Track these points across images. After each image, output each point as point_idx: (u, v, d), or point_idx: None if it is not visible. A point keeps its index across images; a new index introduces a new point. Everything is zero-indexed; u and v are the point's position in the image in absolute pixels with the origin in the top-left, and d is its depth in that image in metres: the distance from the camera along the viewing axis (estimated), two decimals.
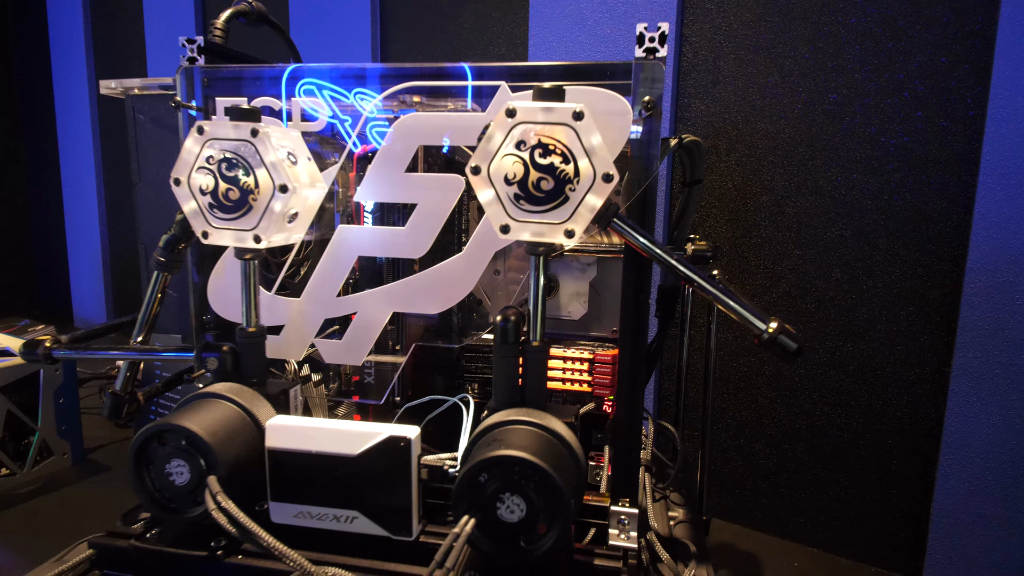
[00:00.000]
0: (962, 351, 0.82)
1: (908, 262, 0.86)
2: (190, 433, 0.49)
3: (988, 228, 0.78)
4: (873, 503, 0.92)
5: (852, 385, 0.92)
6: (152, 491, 0.51)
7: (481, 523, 0.46)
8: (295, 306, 0.63)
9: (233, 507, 0.45)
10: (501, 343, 0.54)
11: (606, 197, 0.49)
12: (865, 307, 0.90)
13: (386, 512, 0.52)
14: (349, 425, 0.52)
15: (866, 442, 0.92)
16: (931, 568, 0.87)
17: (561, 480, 0.44)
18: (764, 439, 1.00)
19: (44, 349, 0.60)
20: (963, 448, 0.83)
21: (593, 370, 0.70)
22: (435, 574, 0.43)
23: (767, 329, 0.50)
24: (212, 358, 0.58)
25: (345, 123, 0.61)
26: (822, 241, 0.92)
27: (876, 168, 0.87)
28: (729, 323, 1.01)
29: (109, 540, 0.52)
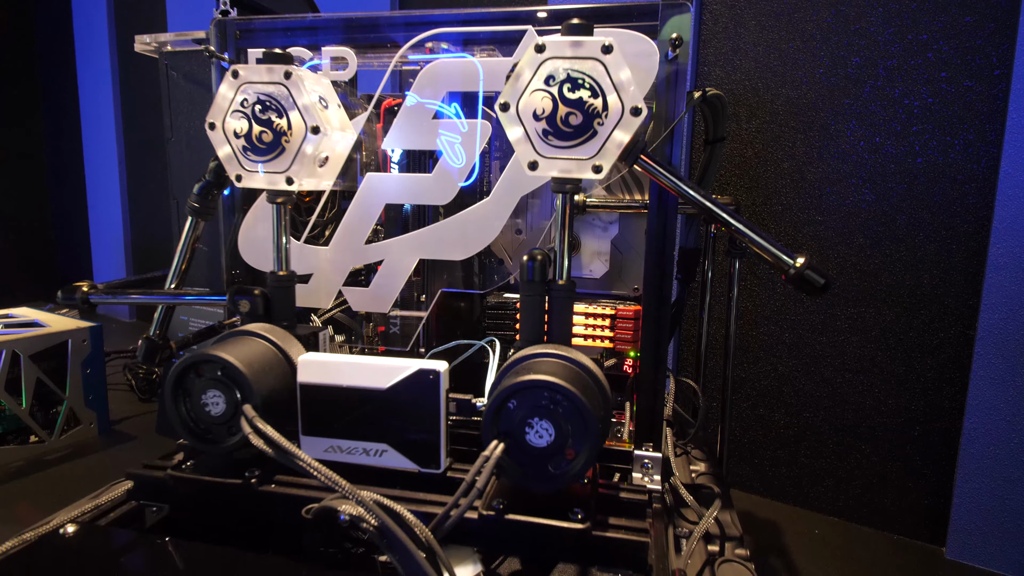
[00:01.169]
0: (987, 313, 0.81)
1: (932, 225, 0.86)
2: (226, 363, 0.50)
3: (1014, 188, 0.78)
4: (895, 470, 0.92)
5: (874, 351, 0.92)
6: (188, 422, 0.52)
7: (510, 449, 0.47)
8: (323, 255, 0.64)
9: (270, 429, 0.47)
10: (527, 282, 0.54)
11: (634, 132, 0.49)
12: (888, 272, 0.89)
13: (415, 445, 0.52)
14: (379, 360, 0.53)
15: (888, 409, 0.91)
16: (955, 535, 0.86)
17: (589, 404, 0.45)
18: (784, 408, 1.00)
19: (82, 294, 0.62)
20: (988, 411, 0.82)
21: (615, 326, 0.71)
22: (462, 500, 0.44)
23: (795, 264, 0.51)
24: (244, 301, 0.59)
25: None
26: (844, 206, 0.92)
27: (900, 131, 0.87)
28: (749, 292, 1.01)
29: (146, 472, 0.54)
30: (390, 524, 0.43)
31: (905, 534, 0.92)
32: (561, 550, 0.46)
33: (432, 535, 0.44)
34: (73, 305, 0.62)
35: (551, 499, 0.48)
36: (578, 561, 0.46)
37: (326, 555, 0.48)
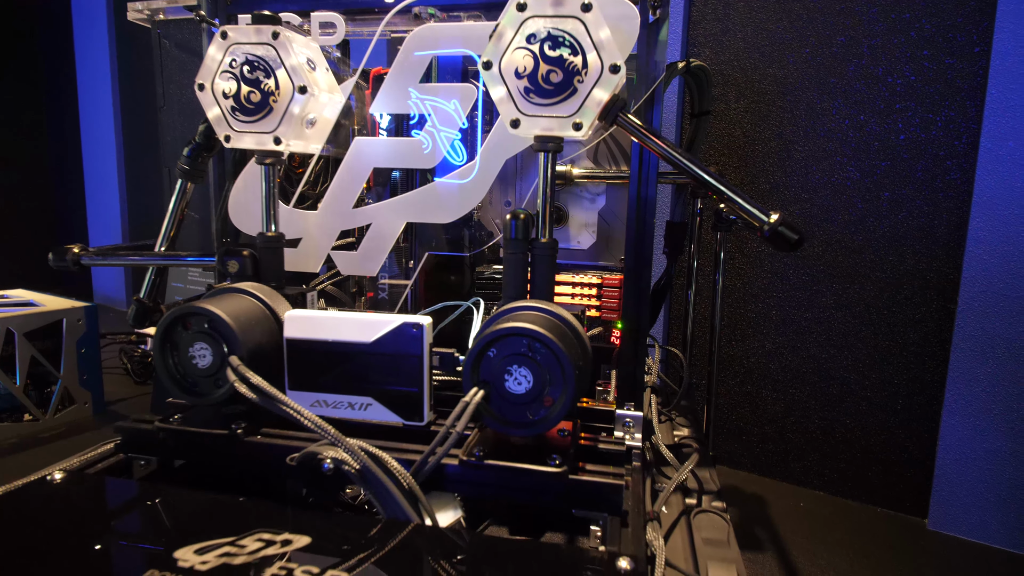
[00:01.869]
0: (967, 287, 0.82)
1: (914, 201, 0.87)
2: (213, 316, 0.51)
3: (994, 163, 0.79)
4: (879, 444, 0.93)
5: (859, 326, 0.93)
6: (175, 375, 0.53)
7: (489, 396, 0.48)
8: (312, 219, 0.65)
9: (257, 377, 0.48)
10: (510, 240, 0.55)
11: (613, 90, 0.50)
12: (872, 248, 0.91)
13: (399, 399, 0.53)
14: (364, 315, 0.54)
15: (872, 383, 0.93)
16: (936, 506, 0.87)
17: (567, 352, 0.46)
18: (771, 384, 1.01)
19: (73, 255, 0.63)
20: (969, 383, 0.83)
21: (601, 294, 0.72)
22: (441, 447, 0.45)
23: (769, 220, 0.52)
24: (233, 261, 0.60)
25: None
26: (830, 184, 0.93)
27: (883, 108, 0.88)
28: (737, 271, 1.02)
29: (134, 425, 0.55)
30: (372, 467, 0.44)
31: (888, 507, 0.93)
32: (538, 493, 0.47)
33: (413, 479, 0.45)
34: (64, 267, 0.63)
35: (531, 450, 0.49)
36: (555, 504, 0.47)
37: (309, 503, 0.49)
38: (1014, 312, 0.80)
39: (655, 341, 0.77)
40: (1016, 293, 0.79)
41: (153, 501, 0.47)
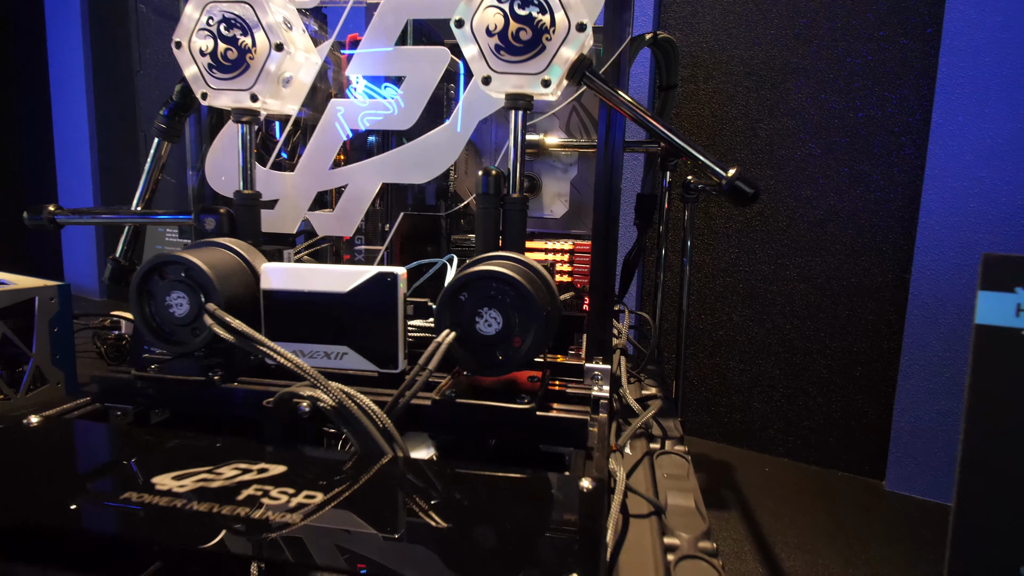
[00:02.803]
0: (920, 255, 0.86)
1: (871, 176, 0.91)
2: (190, 265, 0.52)
3: (944, 137, 0.83)
4: (839, 410, 0.97)
5: (820, 298, 0.97)
6: (152, 323, 0.54)
7: (461, 338, 0.50)
8: (289, 180, 0.66)
9: (235, 320, 0.49)
10: (482, 195, 0.57)
11: (579, 48, 0.52)
12: (832, 222, 0.95)
13: (374, 347, 0.55)
14: (340, 266, 0.56)
15: (832, 351, 0.96)
16: (893, 467, 0.91)
17: (534, 295, 0.48)
18: (738, 356, 1.04)
19: (48, 213, 0.63)
20: (922, 348, 0.87)
21: (574, 260, 0.74)
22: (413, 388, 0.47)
23: (727, 175, 0.54)
24: (210, 219, 0.61)
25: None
26: (792, 160, 0.97)
27: (843, 87, 0.92)
28: (705, 247, 1.05)
29: (111, 374, 0.56)
30: (348, 403, 0.46)
31: (848, 470, 0.97)
32: (507, 429, 0.49)
33: (387, 417, 0.47)
34: (40, 225, 0.63)
35: (501, 393, 0.51)
36: (523, 439, 0.49)
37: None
38: (964, 279, 0.84)
39: (625, 307, 0.80)
40: (966, 261, 0.84)
41: (130, 439, 0.48)
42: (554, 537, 0.34)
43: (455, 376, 0.55)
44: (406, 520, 0.36)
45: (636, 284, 1.10)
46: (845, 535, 0.79)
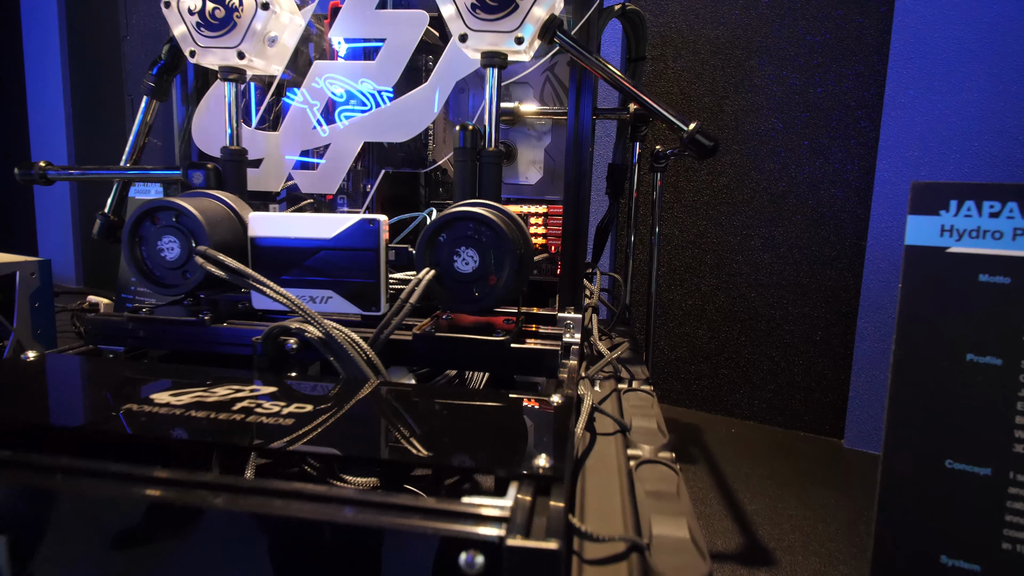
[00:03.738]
0: (875, 223, 0.92)
1: (830, 149, 0.96)
2: (182, 210, 0.55)
3: (896, 109, 0.89)
4: (801, 373, 1.02)
5: (783, 266, 1.02)
6: (144, 267, 0.57)
7: (440, 276, 0.53)
8: (273, 139, 0.69)
9: (227, 258, 0.52)
10: (459, 149, 0.61)
11: (551, 8, 0.56)
12: (794, 193, 1.00)
13: (357, 290, 0.58)
14: (324, 215, 0.59)
15: (794, 317, 1.01)
16: (851, 426, 0.97)
17: (509, 234, 0.52)
18: (707, 324, 1.09)
19: (39, 168, 0.65)
20: (877, 310, 0.93)
21: (548, 222, 0.78)
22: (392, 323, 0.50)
23: (688, 128, 0.58)
24: (197, 173, 0.64)
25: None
26: (756, 135, 1.01)
27: (803, 64, 0.97)
28: (674, 220, 1.10)
29: (103, 316, 0.58)
30: (334, 333, 0.49)
31: (810, 431, 1.02)
32: (484, 360, 0.52)
33: (370, 348, 0.50)
34: (31, 179, 0.65)
35: (478, 330, 0.55)
36: (498, 369, 0.52)
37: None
38: None
39: (597, 270, 0.84)
40: None
41: (125, 368, 0.50)
42: (526, 436, 0.38)
43: (435, 319, 0.58)
44: (392, 421, 0.40)
45: (609, 252, 1.14)
46: (804, 484, 0.84)
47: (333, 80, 0.68)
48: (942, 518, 0.40)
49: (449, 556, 0.28)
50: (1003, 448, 0.39)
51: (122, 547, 0.31)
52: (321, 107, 0.68)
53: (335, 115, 0.69)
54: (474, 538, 0.28)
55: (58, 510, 0.32)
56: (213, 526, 0.30)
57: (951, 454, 0.40)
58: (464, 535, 0.28)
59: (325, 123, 0.68)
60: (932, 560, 0.40)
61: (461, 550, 0.28)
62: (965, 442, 0.40)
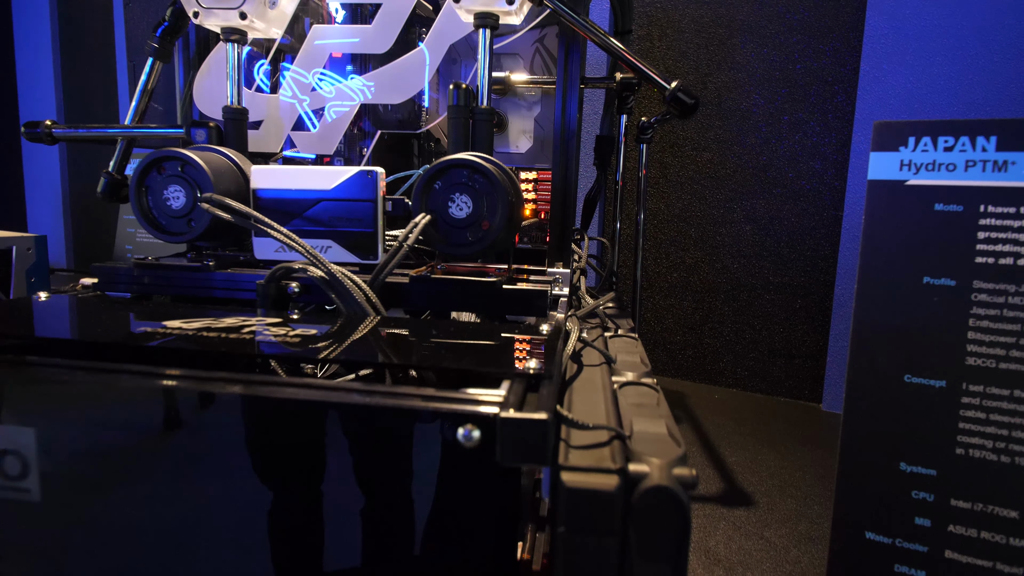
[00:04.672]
0: (851, 194, 0.95)
1: (809, 123, 1.00)
2: (188, 160, 0.57)
3: (871, 84, 0.92)
4: (781, 341, 1.06)
5: (764, 237, 1.05)
6: (150, 217, 0.59)
7: (435, 221, 0.56)
8: (273, 101, 0.72)
9: (233, 201, 0.54)
10: (452, 107, 0.63)
11: None
12: (775, 166, 1.03)
13: (356, 240, 0.61)
14: (323, 167, 0.62)
15: (774, 286, 1.05)
16: (828, 388, 1.01)
17: (500, 180, 0.55)
18: (691, 296, 1.13)
19: (45, 127, 0.67)
20: (852, 279, 0.96)
21: (537, 188, 0.81)
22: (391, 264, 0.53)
23: (670, 86, 0.62)
24: (200, 131, 0.66)
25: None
26: (739, 111, 1.05)
27: (782, 42, 1.01)
28: (660, 194, 1.13)
29: (110, 264, 0.60)
30: (336, 272, 0.52)
31: (790, 396, 1.06)
32: (476, 300, 0.55)
33: (369, 287, 0.53)
34: (37, 138, 0.67)
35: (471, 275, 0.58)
36: (490, 309, 0.55)
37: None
38: None
39: (586, 236, 0.87)
40: None
41: (134, 306, 0.53)
42: (517, 350, 0.41)
43: (431, 268, 0.61)
44: (395, 340, 0.43)
45: (597, 224, 1.17)
46: (782, 441, 0.87)
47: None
48: (901, 428, 0.44)
49: (448, 432, 0.31)
50: (956, 361, 0.42)
51: (142, 437, 0.34)
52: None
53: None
54: (471, 414, 0.31)
55: (80, 404, 0.34)
56: (233, 412, 0.33)
57: (909, 369, 0.44)
58: (461, 412, 0.31)
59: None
60: (892, 467, 0.44)
61: (458, 425, 0.31)
62: (922, 358, 0.43)
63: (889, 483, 0.44)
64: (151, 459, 0.34)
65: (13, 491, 0.35)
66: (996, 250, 0.42)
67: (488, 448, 0.31)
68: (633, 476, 0.32)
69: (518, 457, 0.30)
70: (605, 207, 1.17)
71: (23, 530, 0.35)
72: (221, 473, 0.33)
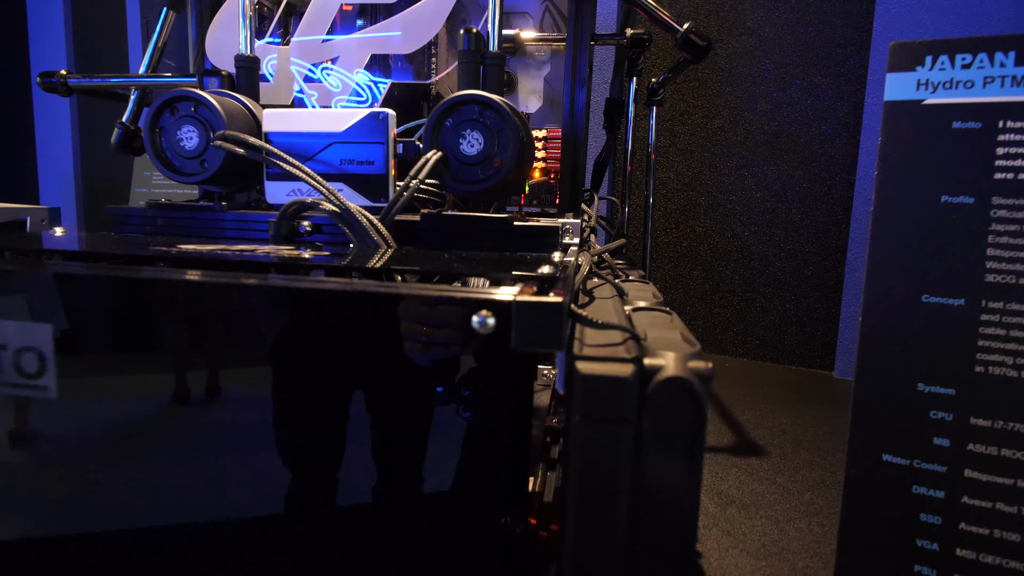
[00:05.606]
0: (864, 157, 0.95)
1: (821, 87, 0.99)
2: (201, 100, 0.58)
3: (884, 44, 0.92)
4: (792, 308, 1.05)
5: (775, 204, 1.05)
6: (164, 158, 0.59)
7: (447, 159, 0.56)
8: (283, 52, 0.72)
9: (248, 136, 0.54)
10: (463, 51, 0.63)
11: None
12: (786, 132, 1.03)
13: (366, 181, 0.61)
14: (334, 110, 0.62)
15: (786, 253, 1.04)
16: (840, 355, 1.00)
17: (511, 116, 0.55)
18: (701, 265, 1.12)
19: (61, 77, 0.68)
20: (866, 242, 0.95)
21: (547, 146, 0.81)
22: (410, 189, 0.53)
23: (681, 28, 0.61)
24: (213, 80, 0.66)
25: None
26: (749, 76, 1.04)
27: (794, 4, 1.00)
28: (669, 163, 1.12)
29: (124, 207, 0.61)
30: (349, 207, 0.52)
31: (802, 364, 1.05)
32: (487, 237, 0.55)
33: (380, 222, 0.53)
34: (52, 88, 0.67)
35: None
36: (502, 245, 0.55)
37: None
38: None
39: (596, 195, 0.87)
40: None
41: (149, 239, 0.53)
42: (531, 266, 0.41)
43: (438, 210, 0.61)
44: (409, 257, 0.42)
45: (607, 188, 1.17)
46: (795, 403, 0.87)
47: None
48: (919, 348, 0.43)
49: (463, 320, 0.31)
50: (975, 279, 0.42)
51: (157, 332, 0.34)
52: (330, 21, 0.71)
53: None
54: (486, 300, 0.30)
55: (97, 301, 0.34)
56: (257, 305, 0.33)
57: (927, 289, 0.43)
58: (477, 299, 0.31)
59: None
60: (909, 388, 0.43)
61: (473, 313, 0.31)
62: (940, 277, 0.43)
63: (906, 404, 0.43)
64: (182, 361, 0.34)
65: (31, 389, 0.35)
66: (1015, 165, 0.41)
67: (503, 336, 0.31)
68: (649, 369, 0.32)
69: (533, 341, 0.30)
70: (614, 172, 1.17)
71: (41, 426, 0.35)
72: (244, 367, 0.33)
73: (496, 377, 0.32)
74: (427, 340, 0.32)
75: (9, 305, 0.35)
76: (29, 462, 0.36)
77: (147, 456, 0.34)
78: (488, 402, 0.32)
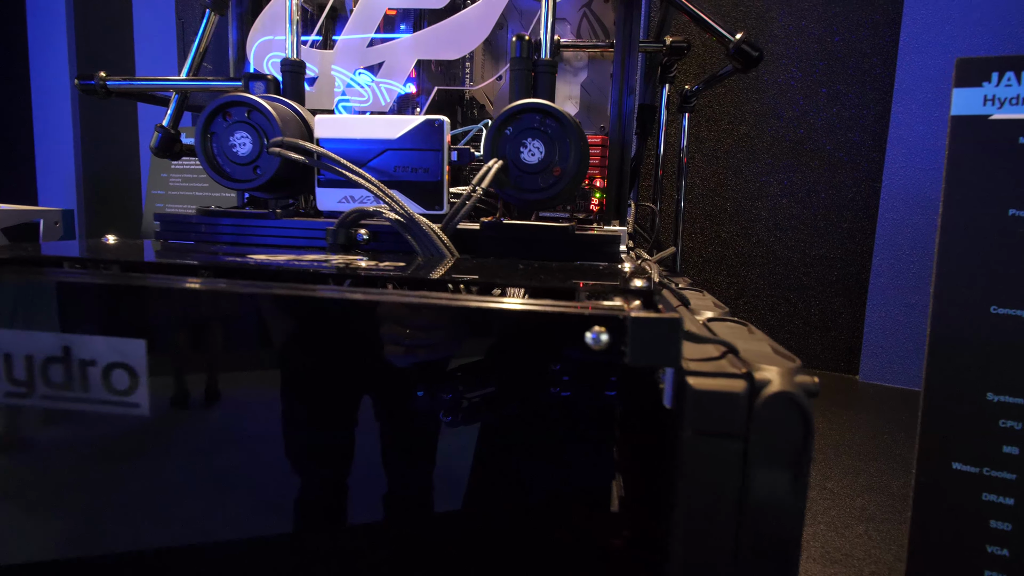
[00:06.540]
0: (890, 165, 0.96)
1: (847, 95, 1.00)
2: (254, 105, 0.57)
3: (911, 54, 0.93)
4: (817, 313, 1.06)
5: (801, 210, 1.05)
6: (215, 164, 0.59)
7: (507, 168, 0.56)
8: (327, 57, 0.72)
9: (306, 142, 0.54)
10: (515, 59, 0.63)
11: None
12: (812, 139, 1.03)
13: (420, 189, 0.61)
14: (388, 116, 0.62)
15: (811, 259, 1.05)
16: (866, 360, 1.01)
17: (573, 125, 0.55)
18: (726, 269, 1.13)
19: (100, 79, 0.67)
20: (891, 248, 0.97)
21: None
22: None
23: (734, 38, 0.62)
24: (259, 84, 0.66)
25: None
26: (776, 84, 1.05)
27: (820, 14, 1.01)
28: (694, 169, 1.13)
29: (172, 212, 0.60)
30: (413, 215, 0.52)
31: (827, 368, 1.06)
32: (548, 246, 0.55)
33: (442, 231, 0.53)
34: (91, 90, 0.67)
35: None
36: (563, 254, 0.55)
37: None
38: (931, 183, 0.93)
39: (632, 201, 0.87)
40: (932, 165, 0.93)
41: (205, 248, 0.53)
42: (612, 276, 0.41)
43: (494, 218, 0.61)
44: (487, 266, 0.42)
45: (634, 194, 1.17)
46: (826, 409, 0.88)
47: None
48: (988, 358, 0.44)
49: (575, 337, 0.31)
50: None
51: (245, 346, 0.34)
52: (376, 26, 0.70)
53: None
54: (600, 316, 0.31)
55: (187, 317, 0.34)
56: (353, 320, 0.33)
57: (995, 300, 0.44)
58: (589, 314, 0.31)
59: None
60: (979, 397, 0.44)
61: (585, 329, 0.31)
62: (1008, 288, 0.43)
63: (975, 413, 0.44)
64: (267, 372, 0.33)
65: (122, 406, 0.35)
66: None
67: (616, 351, 0.31)
68: (758, 383, 0.32)
69: (649, 357, 0.30)
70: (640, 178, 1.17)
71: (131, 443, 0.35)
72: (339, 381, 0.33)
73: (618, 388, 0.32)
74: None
75: (95, 319, 0.34)
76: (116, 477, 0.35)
77: (243, 469, 0.34)
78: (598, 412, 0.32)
